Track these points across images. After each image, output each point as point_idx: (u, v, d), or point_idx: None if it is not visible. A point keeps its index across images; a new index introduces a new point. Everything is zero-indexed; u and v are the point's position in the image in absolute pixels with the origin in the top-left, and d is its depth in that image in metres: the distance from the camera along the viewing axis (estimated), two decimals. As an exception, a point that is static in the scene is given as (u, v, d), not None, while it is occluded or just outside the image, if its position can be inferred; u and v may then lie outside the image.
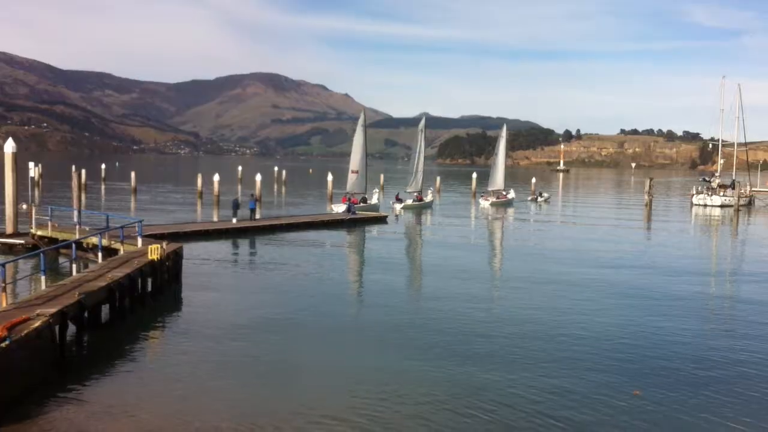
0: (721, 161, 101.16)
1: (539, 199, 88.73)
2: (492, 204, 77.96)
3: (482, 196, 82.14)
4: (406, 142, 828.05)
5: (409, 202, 70.69)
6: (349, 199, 62.72)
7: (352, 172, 65.59)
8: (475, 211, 73.97)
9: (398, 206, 68.58)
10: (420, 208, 70.53)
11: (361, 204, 63.43)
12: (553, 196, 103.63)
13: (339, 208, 59.41)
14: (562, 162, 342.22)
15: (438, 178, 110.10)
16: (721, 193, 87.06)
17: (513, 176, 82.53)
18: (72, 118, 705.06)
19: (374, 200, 66.96)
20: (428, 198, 74.14)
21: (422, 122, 75.37)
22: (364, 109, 69.24)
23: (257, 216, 50.64)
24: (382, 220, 55.95)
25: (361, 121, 67.29)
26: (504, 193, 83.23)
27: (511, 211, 73.49)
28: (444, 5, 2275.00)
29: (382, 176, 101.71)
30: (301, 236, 44.43)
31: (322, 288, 28.18)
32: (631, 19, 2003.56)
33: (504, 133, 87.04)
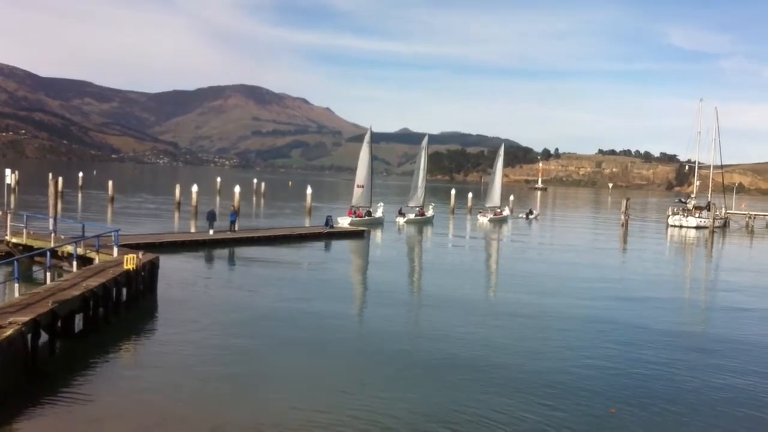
0: (697, 183, 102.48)
1: (530, 216, 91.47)
2: (490, 220, 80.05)
3: (480, 212, 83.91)
4: (385, 157, 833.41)
5: (412, 216, 73.08)
6: (355, 212, 64.93)
7: (358, 186, 67.31)
8: (470, 227, 75.21)
9: (401, 220, 71.17)
10: (421, 222, 72.64)
11: (366, 217, 65.34)
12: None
13: (344, 221, 60.75)
14: (540, 180, 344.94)
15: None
16: (697, 215, 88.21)
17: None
18: (51, 126, 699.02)
19: (378, 213, 68.24)
20: (429, 213, 76.22)
21: (425, 140, 79.00)
22: (371, 127, 71.14)
23: (236, 228, 50.42)
24: (359, 234, 55.96)
25: (367, 138, 69.59)
26: (500, 210, 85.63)
27: (506, 228, 74.80)
28: (425, 21, 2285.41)
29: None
30: (277, 249, 44.27)
31: (297, 299, 28.00)
32: (611, 40, 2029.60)
33: (501, 152, 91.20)
